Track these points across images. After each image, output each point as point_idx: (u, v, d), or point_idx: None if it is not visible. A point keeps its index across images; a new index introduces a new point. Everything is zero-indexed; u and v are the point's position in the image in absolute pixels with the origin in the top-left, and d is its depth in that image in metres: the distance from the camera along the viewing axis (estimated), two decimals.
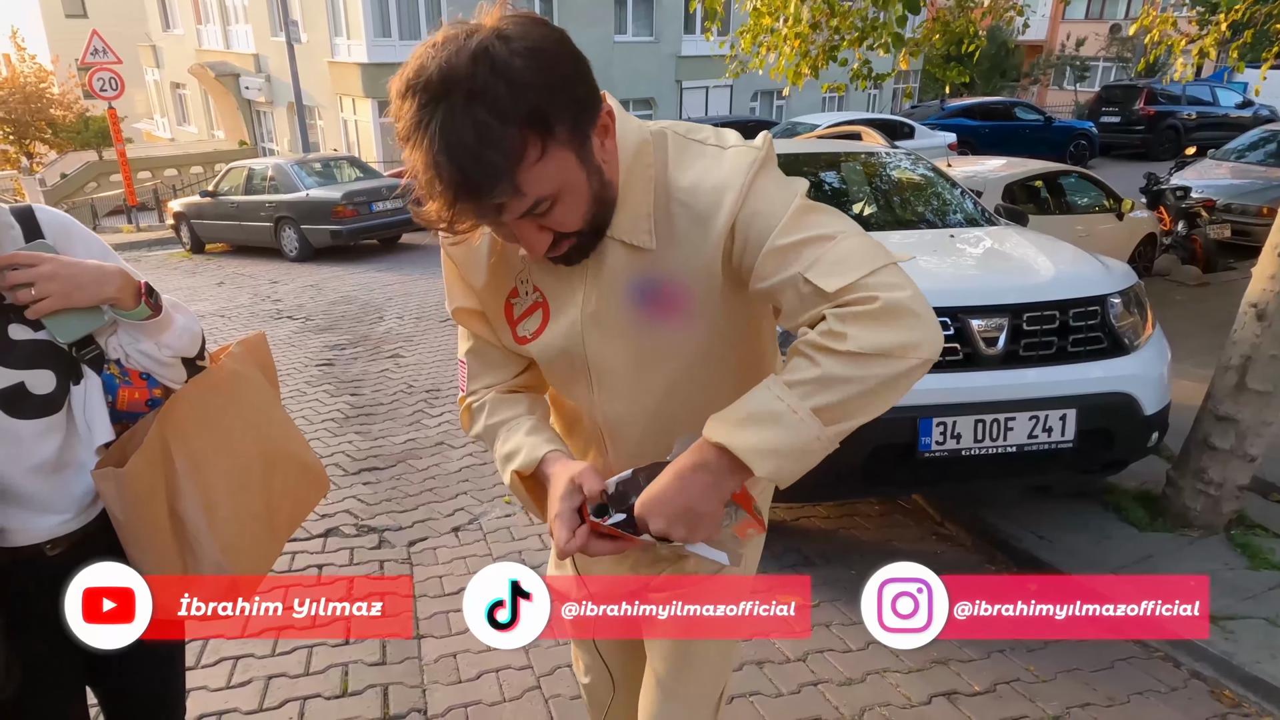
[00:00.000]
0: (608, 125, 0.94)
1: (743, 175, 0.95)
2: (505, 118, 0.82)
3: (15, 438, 1.12)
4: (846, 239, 0.93)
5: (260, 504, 1.44)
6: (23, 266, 1.11)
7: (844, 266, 0.91)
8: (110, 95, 14.61)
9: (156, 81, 29.55)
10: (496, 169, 0.83)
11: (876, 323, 0.88)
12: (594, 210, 0.95)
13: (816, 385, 0.88)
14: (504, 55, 0.82)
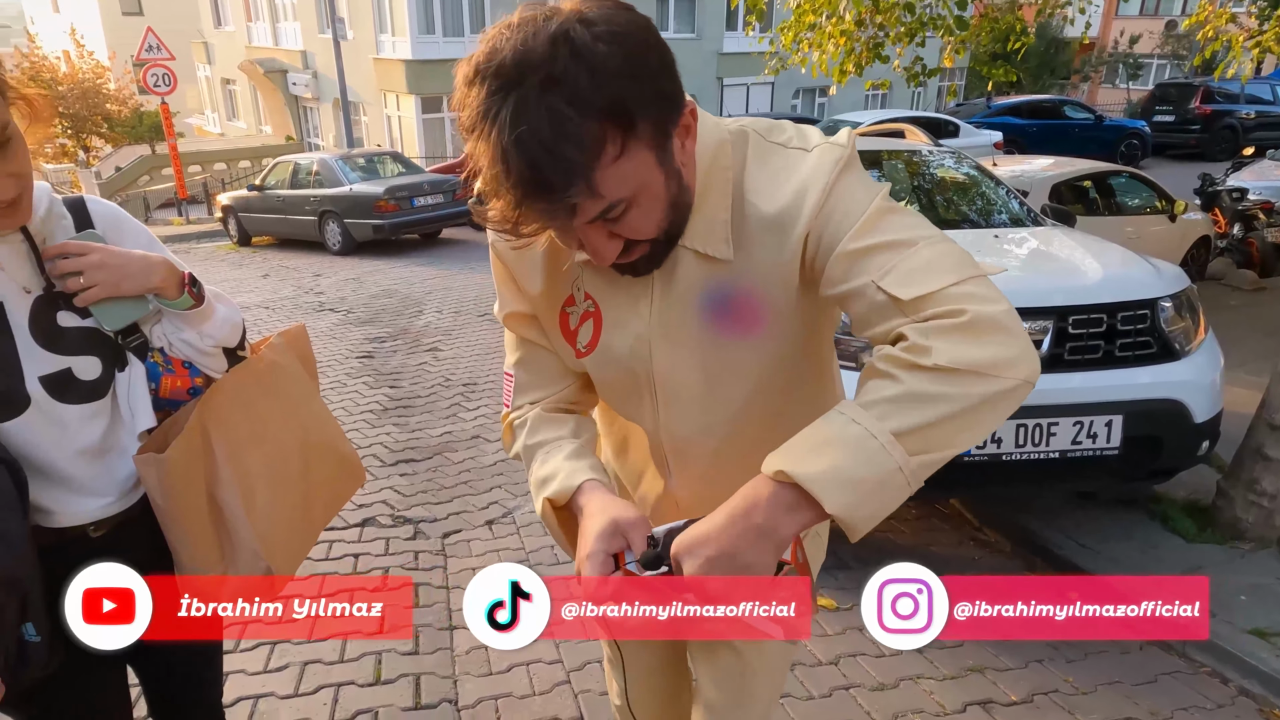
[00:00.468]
0: (690, 125, 0.85)
1: (825, 175, 0.87)
2: (585, 109, 0.73)
3: (61, 422, 1.15)
4: (929, 245, 0.84)
5: (297, 493, 1.46)
6: (73, 255, 1.14)
7: (924, 275, 0.82)
8: (163, 91, 14.98)
9: (208, 77, 30.26)
10: (572, 166, 0.74)
11: (965, 336, 0.78)
12: (671, 218, 0.88)
13: (898, 405, 0.77)
14: (587, 40, 0.73)
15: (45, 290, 1.15)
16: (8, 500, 1.07)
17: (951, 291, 0.80)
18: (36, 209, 1.14)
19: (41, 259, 1.14)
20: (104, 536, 1.23)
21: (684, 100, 0.83)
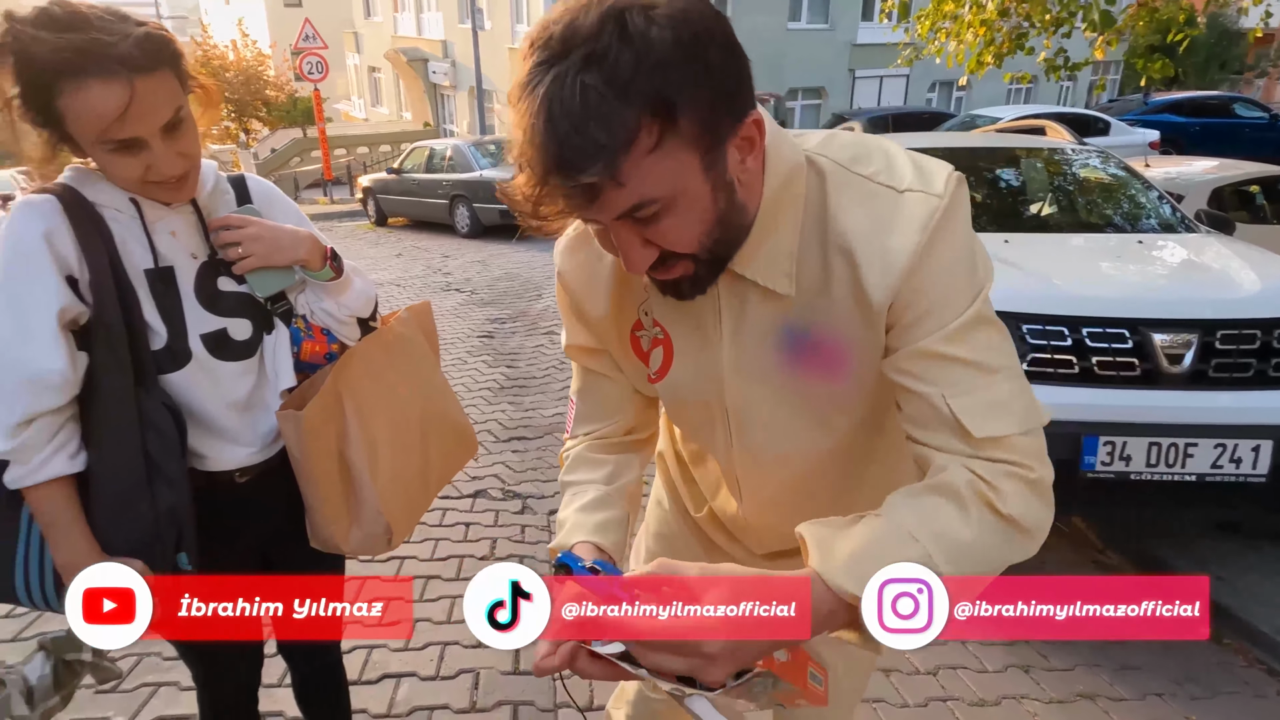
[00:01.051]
0: (753, 139, 0.78)
1: (917, 235, 0.79)
2: (623, 92, 0.68)
3: (216, 377, 1.28)
4: (1009, 379, 0.82)
5: (416, 456, 1.56)
6: (234, 228, 1.26)
7: (999, 414, 0.80)
8: (316, 78, 15.98)
9: (356, 65, 32.01)
10: (597, 147, 0.68)
11: (1032, 494, 0.80)
12: (716, 235, 0.80)
13: (966, 552, 0.77)
14: (640, 21, 0.68)
15: (209, 257, 1.27)
16: (170, 442, 1.20)
17: (1018, 442, 0.80)
18: (204, 185, 1.27)
19: (207, 229, 1.27)
20: (247, 483, 1.36)
21: (748, 109, 0.77)
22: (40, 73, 1.04)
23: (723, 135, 0.75)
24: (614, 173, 0.70)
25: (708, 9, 0.73)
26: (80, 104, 1.05)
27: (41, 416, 1.13)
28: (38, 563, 1.20)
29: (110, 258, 1.16)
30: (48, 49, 1.03)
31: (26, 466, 1.13)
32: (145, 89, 1.06)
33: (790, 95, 21.91)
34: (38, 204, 1.14)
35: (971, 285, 0.81)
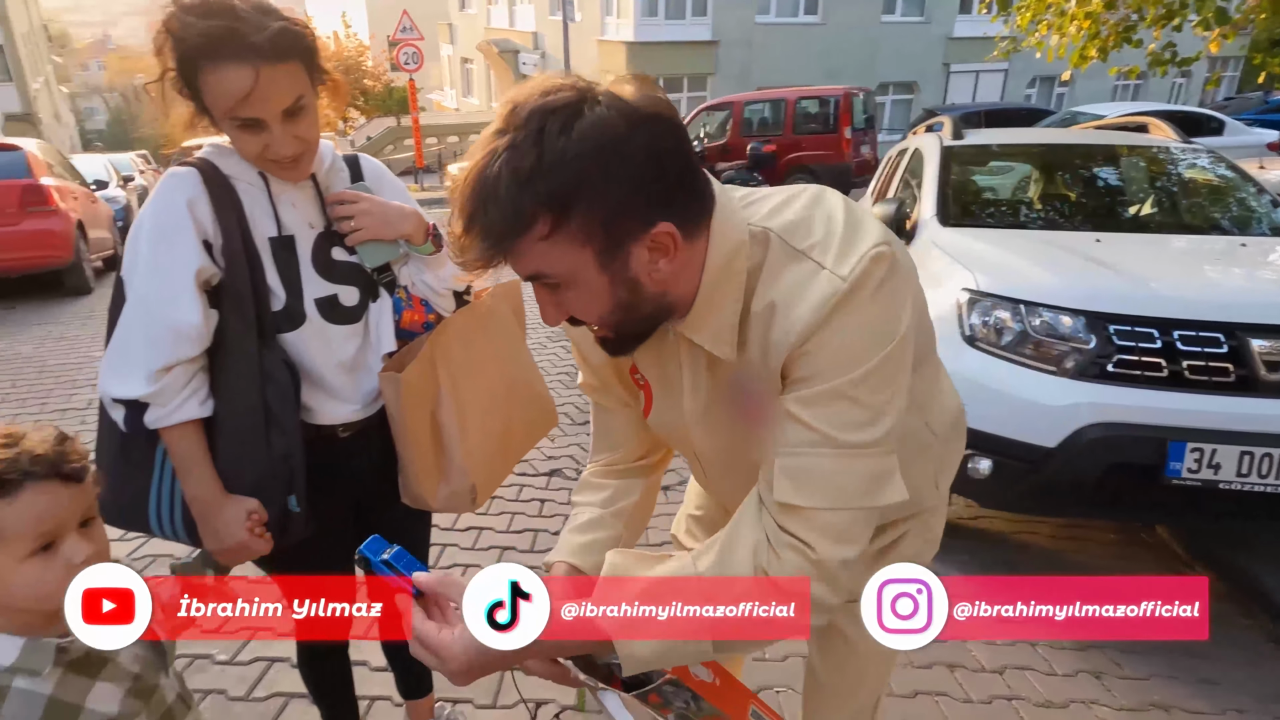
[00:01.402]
0: (667, 246, 0.85)
1: (814, 313, 0.85)
2: (525, 184, 0.78)
3: (327, 338, 1.41)
4: (842, 458, 0.86)
5: (500, 423, 1.66)
6: (348, 203, 1.38)
7: (805, 485, 0.87)
8: (412, 69, 16.48)
9: (449, 56, 32.82)
10: (493, 225, 0.80)
11: (812, 571, 0.87)
12: (618, 318, 0.90)
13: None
14: (555, 128, 0.78)
15: (325, 228, 1.40)
16: (286, 394, 1.33)
17: (816, 516, 0.86)
18: (321, 163, 1.39)
19: (324, 203, 1.39)
20: (349, 438, 1.48)
21: (657, 219, 0.83)
22: (187, 51, 1.18)
23: (621, 238, 0.83)
24: (504, 250, 0.82)
25: (645, 131, 0.81)
26: (214, 83, 1.19)
27: (178, 365, 1.27)
28: (169, 497, 1.34)
29: (240, 225, 1.30)
30: (195, 32, 1.17)
31: (164, 409, 1.27)
32: (270, 76, 1.19)
33: (881, 90, 21.45)
34: (182, 175, 1.28)
35: (851, 362, 0.85)
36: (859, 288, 0.84)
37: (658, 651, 0.88)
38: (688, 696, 0.97)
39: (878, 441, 0.87)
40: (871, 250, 0.85)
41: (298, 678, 1.99)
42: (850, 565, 0.89)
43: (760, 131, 13.85)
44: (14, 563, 0.88)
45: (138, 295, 1.27)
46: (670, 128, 0.84)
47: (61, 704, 0.91)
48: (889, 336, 0.86)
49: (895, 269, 0.86)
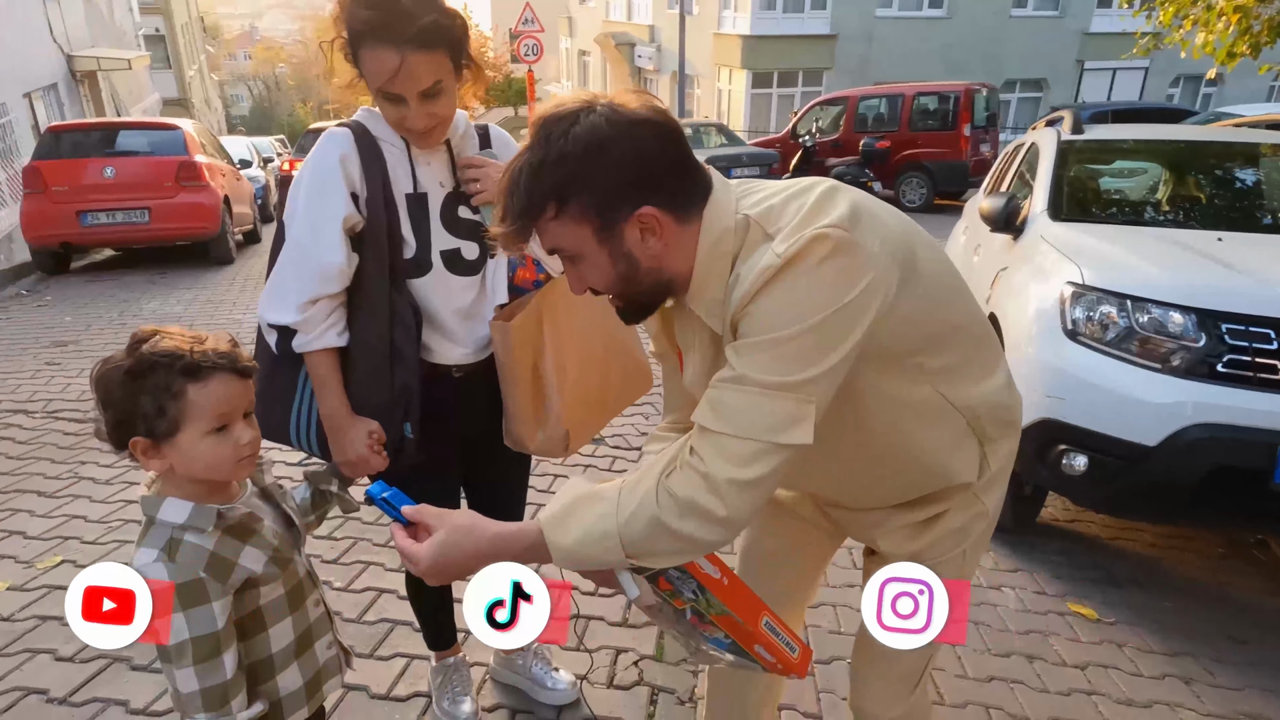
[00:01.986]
0: (652, 227, 1.02)
1: (752, 284, 0.99)
2: (539, 177, 1.00)
3: (448, 286, 1.58)
4: (760, 395, 0.97)
5: (597, 380, 1.79)
6: (475, 166, 1.55)
7: (717, 412, 1.00)
8: (531, 60, 16.93)
9: (567, 49, 33.47)
10: (517, 207, 1.02)
11: (703, 485, 0.98)
12: (620, 288, 1.08)
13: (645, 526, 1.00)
14: (558, 132, 0.99)
15: (454, 189, 1.57)
16: (410, 332, 1.51)
17: (720, 440, 0.99)
18: (455, 130, 1.56)
19: (455, 166, 1.56)
20: (461, 379, 1.65)
21: (639, 204, 1.01)
22: (352, 29, 1.38)
23: (612, 218, 1.02)
24: (526, 230, 1.03)
25: (622, 131, 0.99)
26: (369, 60, 1.38)
27: (323, 299, 1.47)
28: (307, 414, 1.54)
29: (383, 181, 1.49)
30: (360, 17, 1.37)
31: (308, 336, 1.47)
32: (414, 61, 1.37)
33: (1006, 87, 20.57)
34: (338, 134, 1.48)
35: (779, 324, 0.97)
36: (792, 263, 0.97)
37: (576, 542, 1.03)
38: (694, 586, 1.07)
39: (791, 387, 0.98)
40: (812, 231, 0.97)
41: (403, 607, 2.20)
42: (741, 488, 0.98)
43: (875, 127, 13.58)
44: (197, 437, 1.06)
45: (294, 237, 1.47)
46: (657, 129, 1.02)
47: (220, 557, 1.09)
48: (822, 306, 0.96)
49: (841, 250, 0.97)
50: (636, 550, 1.02)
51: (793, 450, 0.99)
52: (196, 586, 1.06)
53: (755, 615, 1.11)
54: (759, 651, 1.13)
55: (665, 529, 0.99)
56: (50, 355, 5.33)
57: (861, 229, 1.00)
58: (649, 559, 1.03)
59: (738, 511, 0.99)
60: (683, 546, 1.01)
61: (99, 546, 2.85)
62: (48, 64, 14.75)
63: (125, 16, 23.09)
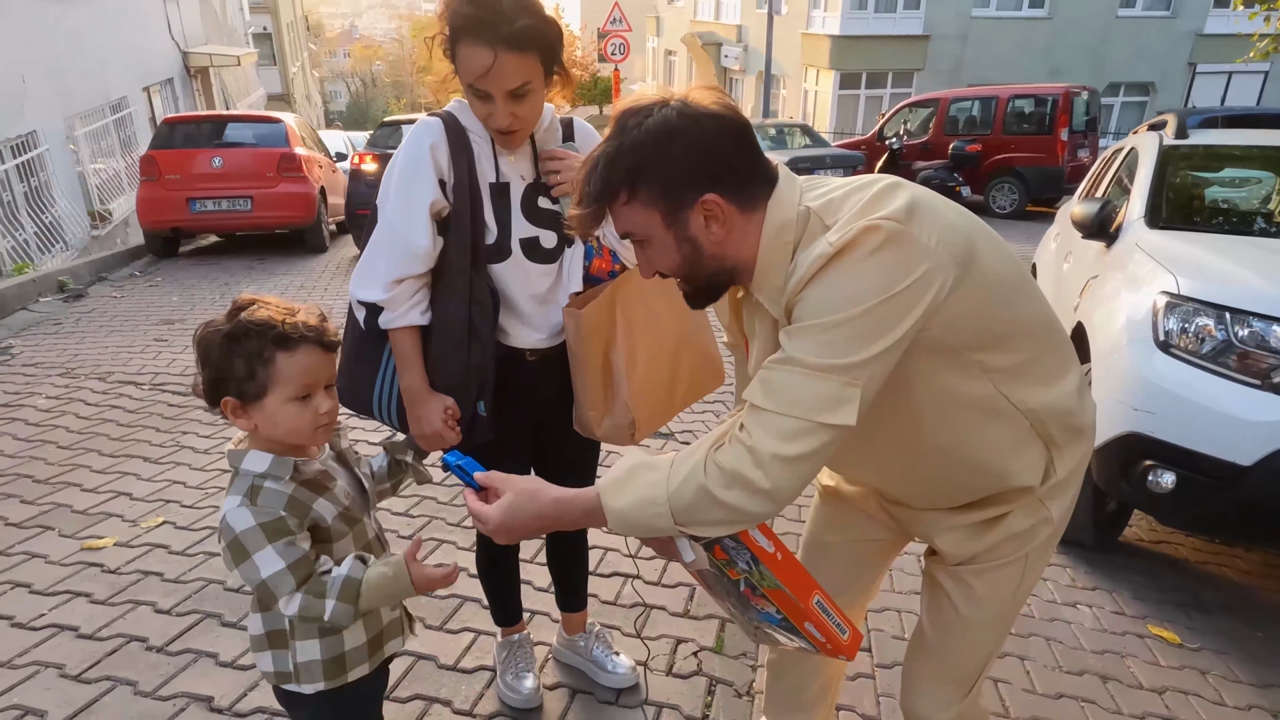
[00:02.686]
0: (714, 214, 1.08)
1: (805, 271, 1.03)
2: (614, 165, 1.08)
3: (526, 272, 1.64)
4: (807, 375, 1.01)
5: (666, 372, 1.82)
6: (556, 159, 1.60)
7: (765, 390, 1.03)
8: (618, 59, 17.09)
9: (654, 48, 33.60)
10: (593, 191, 1.09)
11: (748, 456, 1.01)
12: (685, 271, 1.14)
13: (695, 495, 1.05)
14: (632, 124, 1.07)
15: (535, 180, 1.62)
16: (487, 314, 1.58)
17: (765, 417, 1.02)
18: (541, 123, 1.62)
19: (538, 158, 1.61)
20: (534, 363, 1.71)
21: (702, 192, 1.06)
22: (453, 25, 1.45)
23: (678, 204, 1.08)
24: (601, 213, 1.11)
25: (692, 122, 1.06)
26: (464, 56, 1.45)
27: (408, 279, 1.55)
28: (390, 388, 1.63)
29: (469, 170, 1.55)
30: (460, 15, 1.43)
31: (394, 313, 1.56)
32: (504, 61, 1.43)
33: (1110, 90, 19.68)
34: (430, 124, 1.56)
35: (827, 310, 1.01)
36: (844, 252, 1.01)
37: (629, 506, 1.08)
38: (748, 557, 1.11)
39: (837, 369, 1.00)
40: (864, 222, 1.00)
41: (473, 584, 2.27)
42: (785, 463, 1.01)
43: (966, 130, 13.20)
44: (281, 402, 1.15)
45: (385, 219, 1.55)
46: (725, 124, 1.07)
47: (298, 500, 1.18)
48: (871, 294, 0.99)
49: (893, 241, 0.99)
50: (684, 518, 1.06)
51: (836, 431, 1.02)
52: (279, 522, 1.14)
53: (807, 592, 1.12)
54: (809, 629, 1.14)
55: (711, 498, 1.04)
56: (158, 332, 5.68)
57: (917, 223, 1.02)
58: (697, 527, 1.07)
59: (780, 485, 1.02)
60: (727, 516, 1.05)
61: (196, 510, 3.04)
62: (165, 60, 15.67)
63: (236, 15, 24.30)
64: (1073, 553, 3.05)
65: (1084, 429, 1.24)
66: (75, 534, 2.84)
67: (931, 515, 1.32)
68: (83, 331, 5.69)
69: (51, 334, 5.61)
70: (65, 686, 2.06)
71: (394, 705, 2.02)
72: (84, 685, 2.06)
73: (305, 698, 1.26)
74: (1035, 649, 2.41)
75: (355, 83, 60.69)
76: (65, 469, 3.38)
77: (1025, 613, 2.61)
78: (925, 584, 1.41)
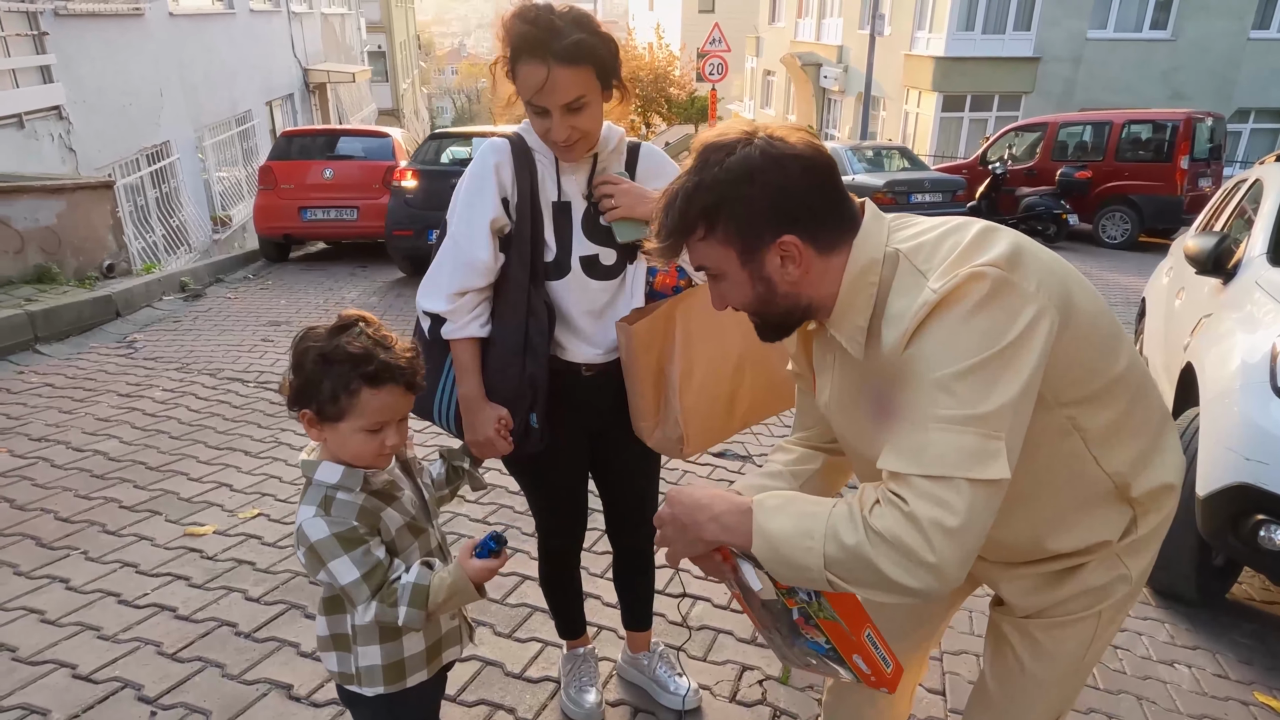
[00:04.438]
0: (792, 255, 1.06)
1: (908, 320, 0.99)
2: (691, 200, 1.07)
3: (585, 289, 1.69)
4: (944, 430, 0.94)
5: (725, 389, 1.82)
6: (609, 184, 1.65)
7: (903, 456, 0.97)
8: (715, 79, 17.20)
9: (752, 69, 33.57)
10: (670, 225, 1.09)
11: (906, 522, 0.94)
12: (757, 308, 1.13)
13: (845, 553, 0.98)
14: (714, 161, 1.06)
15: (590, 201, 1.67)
16: (543, 328, 1.64)
17: (914, 481, 0.95)
18: (605, 145, 1.66)
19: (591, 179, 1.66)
20: (590, 378, 1.75)
21: (777, 235, 1.05)
22: (512, 46, 1.50)
23: (755, 244, 1.07)
24: (677, 247, 1.11)
25: (773, 162, 1.04)
26: (522, 74, 1.51)
27: (470, 292, 1.62)
28: (449, 395, 1.70)
29: (532, 189, 1.62)
30: (517, 32, 1.49)
31: (455, 324, 1.63)
32: (559, 76, 1.47)
33: (1238, 117, 18.51)
34: (498, 143, 1.63)
35: (947, 361, 0.96)
36: (948, 301, 0.97)
37: (780, 532, 1.02)
38: (811, 590, 1.07)
39: (976, 420, 0.94)
40: (968, 269, 0.97)
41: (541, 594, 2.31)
42: (951, 534, 0.93)
43: (1075, 156, 12.67)
44: (354, 431, 1.20)
45: (451, 233, 1.63)
46: (808, 164, 1.05)
47: (367, 510, 1.23)
48: (985, 345, 0.95)
49: (1001, 289, 0.96)
50: (836, 569, 0.99)
51: (992, 490, 0.95)
52: (350, 532, 1.19)
53: (860, 625, 1.11)
54: (856, 661, 1.12)
55: (867, 562, 0.96)
56: (266, 333, 6.01)
57: (1020, 270, 0.98)
58: (848, 582, 0.99)
59: (945, 560, 0.93)
60: (882, 585, 0.96)
61: (289, 505, 3.19)
62: (287, 76, 16.66)
63: (354, 34, 25.59)
64: (1173, 607, 2.86)
65: (1172, 486, 1.18)
66: (180, 520, 3.03)
67: (1001, 565, 1.26)
68: (199, 329, 6.07)
69: (171, 330, 6.01)
70: (161, 663, 2.19)
71: (459, 709, 2.07)
72: (178, 664, 2.19)
73: (365, 699, 1.31)
74: (1125, 707, 2.27)
75: (461, 99, 62.91)
76: (175, 458, 3.61)
77: (1116, 668, 2.46)
78: (989, 634, 1.35)
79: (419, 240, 7.24)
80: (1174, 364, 3.42)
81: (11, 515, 3.01)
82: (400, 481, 1.32)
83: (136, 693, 2.07)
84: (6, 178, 6.32)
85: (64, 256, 6.34)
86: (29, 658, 2.19)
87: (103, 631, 2.32)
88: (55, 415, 4.07)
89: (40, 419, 4.01)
